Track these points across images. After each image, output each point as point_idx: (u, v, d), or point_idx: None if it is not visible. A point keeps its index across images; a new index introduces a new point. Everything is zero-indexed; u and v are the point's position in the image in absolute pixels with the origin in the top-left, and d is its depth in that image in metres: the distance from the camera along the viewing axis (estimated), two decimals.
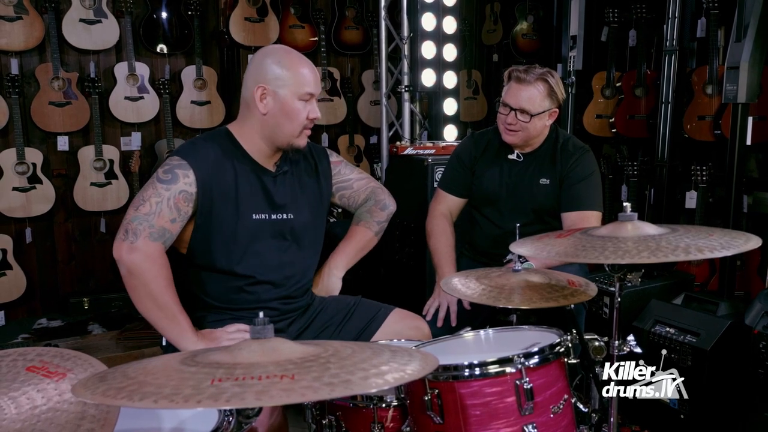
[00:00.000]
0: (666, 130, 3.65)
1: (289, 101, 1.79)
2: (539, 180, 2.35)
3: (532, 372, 1.40)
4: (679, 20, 3.54)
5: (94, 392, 0.94)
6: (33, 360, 1.15)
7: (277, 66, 1.78)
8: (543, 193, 2.34)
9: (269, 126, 1.81)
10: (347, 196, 2.11)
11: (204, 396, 0.89)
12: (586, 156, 2.34)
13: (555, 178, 2.33)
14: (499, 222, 2.40)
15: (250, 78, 1.81)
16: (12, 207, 3.73)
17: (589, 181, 2.32)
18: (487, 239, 2.44)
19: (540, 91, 2.24)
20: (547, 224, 2.32)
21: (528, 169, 2.38)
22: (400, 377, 1.00)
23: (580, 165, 2.32)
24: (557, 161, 2.34)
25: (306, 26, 4.50)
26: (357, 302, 2.07)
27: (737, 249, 1.33)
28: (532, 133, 2.30)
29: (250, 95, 1.80)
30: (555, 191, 2.33)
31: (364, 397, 1.56)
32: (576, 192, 2.30)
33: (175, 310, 1.71)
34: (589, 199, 2.31)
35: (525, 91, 2.24)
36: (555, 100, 2.27)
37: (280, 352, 1.04)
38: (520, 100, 2.25)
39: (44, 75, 3.78)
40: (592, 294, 1.67)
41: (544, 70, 2.27)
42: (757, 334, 2.30)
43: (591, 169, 2.34)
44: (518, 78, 2.25)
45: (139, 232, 1.67)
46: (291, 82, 1.78)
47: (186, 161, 1.74)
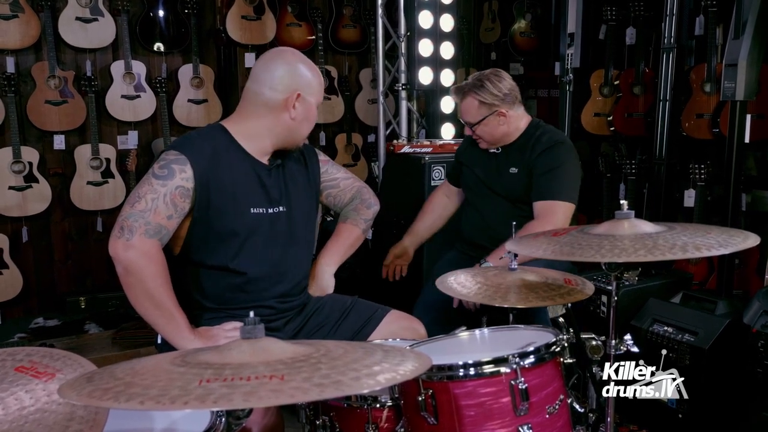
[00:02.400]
0: (664, 128, 3.63)
1: (313, 107, 1.85)
2: (509, 169, 2.47)
3: (528, 372, 1.38)
4: (677, 18, 3.52)
5: (80, 393, 0.93)
6: (22, 360, 1.14)
7: (309, 73, 1.83)
8: (512, 181, 2.46)
9: (290, 130, 1.83)
10: (333, 195, 2.12)
11: (191, 397, 0.87)
12: (557, 147, 2.42)
13: (524, 167, 2.43)
14: (480, 207, 2.57)
15: (281, 82, 1.79)
16: (8, 206, 3.71)
17: (558, 172, 2.38)
18: (470, 225, 2.61)
19: (471, 104, 2.43)
20: (522, 211, 2.41)
21: (503, 159, 2.51)
22: (392, 377, 0.99)
23: (548, 156, 2.39)
24: (527, 151, 2.44)
25: (303, 24, 4.49)
26: (353, 302, 2.06)
27: (735, 247, 1.32)
28: (493, 135, 2.47)
29: (280, 99, 1.79)
30: (523, 180, 2.43)
31: (358, 398, 1.54)
32: (543, 182, 2.38)
33: (171, 308, 1.69)
34: (556, 190, 2.36)
35: (461, 107, 2.49)
36: (490, 105, 2.41)
37: (271, 352, 1.03)
38: (462, 114, 2.50)
39: (40, 73, 3.76)
40: (589, 293, 1.66)
41: (472, 80, 2.45)
42: (756, 332, 2.29)
43: (560, 161, 2.40)
44: (457, 97, 2.50)
45: (135, 229, 1.65)
46: (317, 90, 1.85)
47: (183, 155, 1.72)
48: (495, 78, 2.42)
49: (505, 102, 2.41)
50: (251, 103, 1.83)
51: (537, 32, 5.10)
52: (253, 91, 1.82)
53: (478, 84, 2.42)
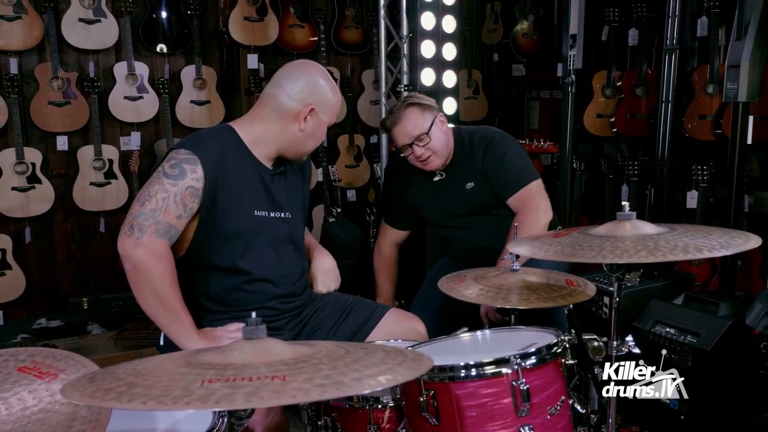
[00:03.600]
0: (666, 129, 3.64)
1: (324, 125, 1.86)
2: (465, 186, 2.42)
3: (529, 373, 1.38)
4: (680, 19, 3.52)
5: (82, 393, 0.93)
6: (25, 360, 1.14)
7: (328, 90, 1.84)
8: (475, 195, 2.42)
9: (296, 141, 1.84)
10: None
11: (193, 397, 0.88)
12: (492, 143, 2.41)
13: (477, 177, 2.40)
14: (460, 236, 2.51)
15: (299, 92, 1.80)
16: (11, 207, 3.72)
17: (507, 161, 2.37)
18: (461, 250, 2.53)
19: (414, 114, 2.34)
20: (501, 215, 2.39)
21: (451, 181, 2.45)
22: (393, 378, 0.99)
23: (491, 153, 2.39)
24: (471, 161, 2.41)
25: (306, 26, 4.49)
26: (355, 301, 2.07)
27: (737, 248, 1.32)
28: (441, 147, 2.38)
29: (294, 108, 1.80)
30: (483, 187, 2.40)
31: (360, 398, 1.54)
32: (503, 177, 2.37)
33: (178, 308, 1.70)
34: (518, 176, 2.36)
35: (403, 125, 2.34)
36: (428, 109, 2.37)
37: (272, 353, 1.03)
38: (408, 132, 2.34)
39: (43, 75, 3.77)
40: (591, 294, 1.66)
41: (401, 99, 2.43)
42: (758, 334, 2.29)
43: (503, 150, 2.39)
44: (392, 122, 2.37)
45: (145, 228, 1.65)
46: (332, 109, 1.86)
47: (194, 155, 1.72)
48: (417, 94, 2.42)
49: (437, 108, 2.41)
50: (265, 106, 1.84)
51: (539, 33, 5.10)
52: (270, 95, 1.83)
53: (408, 98, 2.41)
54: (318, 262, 2.10)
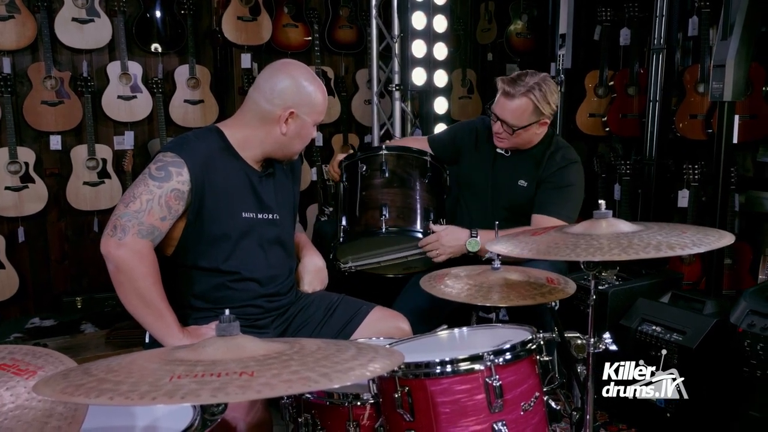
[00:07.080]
0: (654, 128, 3.64)
1: (308, 126, 1.85)
2: (518, 181, 2.40)
3: (502, 369, 1.40)
4: (667, 18, 3.53)
5: (54, 389, 0.95)
6: (4, 358, 1.15)
7: (311, 91, 1.82)
8: (520, 193, 2.39)
9: (280, 144, 1.84)
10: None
11: (160, 393, 0.89)
12: (570, 168, 2.37)
13: (533, 181, 2.37)
14: (474, 208, 2.48)
15: (279, 96, 1.79)
16: (4, 206, 3.73)
17: (565, 191, 2.34)
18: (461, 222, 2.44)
19: (524, 107, 2.26)
20: (515, 221, 2.34)
21: (512, 167, 2.42)
22: (361, 374, 1.00)
23: (560, 174, 2.35)
24: (540, 167, 2.36)
25: (300, 25, 4.50)
26: (340, 300, 2.09)
27: (708, 246, 1.33)
28: (519, 142, 2.35)
29: (274, 113, 1.80)
30: (530, 193, 2.37)
31: (339, 395, 1.56)
32: (548, 197, 2.33)
33: (161, 307, 1.71)
34: (558, 207, 2.32)
35: (509, 105, 2.27)
36: (541, 113, 2.28)
37: (245, 350, 1.05)
38: (505, 113, 2.29)
39: (37, 74, 3.78)
40: (571, 292, 1.67)
41: (533, 82, 2.26)
42: (742, 332, 2.30)
43: (571, 182, 2.36)
44: (504, 92, 2.28)
45: (128, 228, 1.67)
46: (316, 109, 1.84)
47: (180, 158, 1.73)
48: (553, 86, 2.29)
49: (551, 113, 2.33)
50: (248, 111, 1.85)
51: (533, 33, 5.11)
52: (252, 99, 1.84)
53: (538, 87, 2.25)
54: (307, 262, 2.11)
